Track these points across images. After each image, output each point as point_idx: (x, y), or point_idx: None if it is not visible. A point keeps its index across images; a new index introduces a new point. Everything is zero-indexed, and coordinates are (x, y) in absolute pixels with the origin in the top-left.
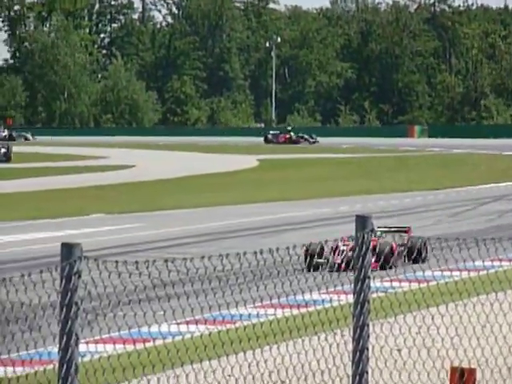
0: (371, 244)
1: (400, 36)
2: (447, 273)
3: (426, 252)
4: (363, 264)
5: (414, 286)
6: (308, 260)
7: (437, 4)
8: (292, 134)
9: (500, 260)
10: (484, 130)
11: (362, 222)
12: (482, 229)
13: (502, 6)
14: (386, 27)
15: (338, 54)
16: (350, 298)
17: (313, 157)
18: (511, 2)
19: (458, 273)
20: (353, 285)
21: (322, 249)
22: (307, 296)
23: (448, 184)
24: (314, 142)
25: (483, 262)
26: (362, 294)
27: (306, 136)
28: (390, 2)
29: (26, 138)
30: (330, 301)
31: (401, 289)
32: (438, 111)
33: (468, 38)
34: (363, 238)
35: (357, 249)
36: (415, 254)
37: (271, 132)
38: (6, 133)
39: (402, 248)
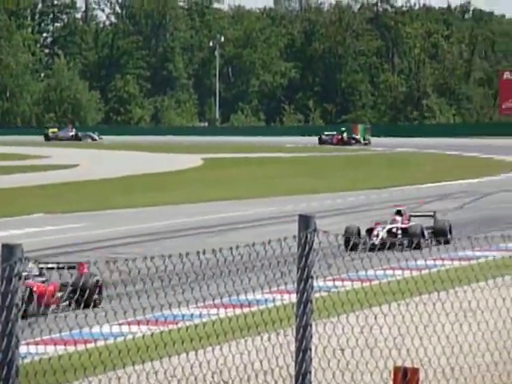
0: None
1: (343, 36)
2: (389, 272)
3: (99, 294)
4: (306, 263)
5: (357, 285)
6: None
7: (379, 4)
8: (344, 135)
9: (442, 259)
10: (426, 129)
11: (305, 221)
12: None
13: (445, 5)
14: (329, 27)
15: (282, 53)
16: (294, 298)
17: (257, 156)
18: (454, 2)
19: (400, 272)
20: (296, 284)
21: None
22: (250, 296)
23: (392, 183)
24: (366, 144)
25: (425, 261)
26: (305, 294)
27: (357, 137)
28: (333, 2)
29: None
30: (273, 300)
31: (343, 288)
32: (380, 110)
33: (410, 38)
34: (306, 237)
35: (299, 248)
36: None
37: (326, 133)
38: None
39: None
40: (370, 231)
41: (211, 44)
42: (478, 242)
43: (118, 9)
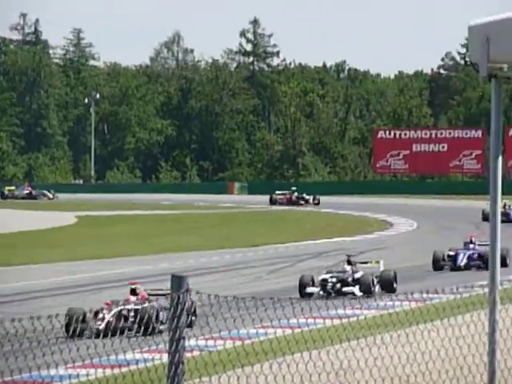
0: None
1: (220, 94)
2: (262, 331)
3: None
4: (178, 325)
5: (229, 344)
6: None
7: (256, 63)
8: (294, 194)
9: (314, 318)
10: (302, 187)
11: (178, 282)
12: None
13: (321, 64)
14: (206, 85)
15: (158, 110)
16: (165, 358)
17: (133, 213)
18: (329, 61)
19: (272, 331)
20: (168, 345)
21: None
22: (121, 356)
23: (268, 240)
24: (316, 204)
25: (298, 320)
26: (177, 355)
27: (307, 197)
28: (210, 61)
29: None
30: (145, 361)
31: (215, 348)
32: (257, 168)
33: (286, 97)
34: (178, 298)
35: (171, 309)
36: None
37: (277, 192)
38: None
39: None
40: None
41: (87, 101)
42: (350, 301)
43: None
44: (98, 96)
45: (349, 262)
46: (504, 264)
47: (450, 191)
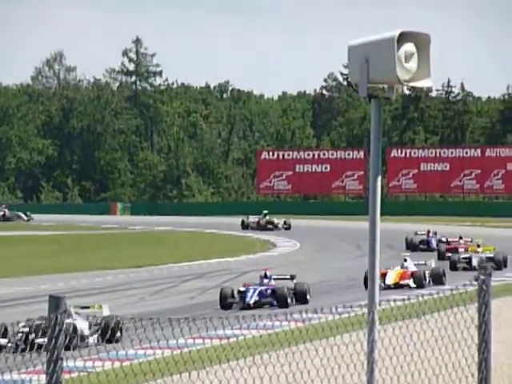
0: None
1: (102, 114)
2: (141, 352)
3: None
4: (55, 345)
5: (108, 365)
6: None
7: (138, 82)
8: (266, 218)
9: (193, 339)
10: (186, 207)
11: (56, 302)
12: (184, 306)
13: (204, 84)
14: (88, 105)
15: (39, 130)
16: (43, 379)
17: (12, 234)
18: (212, 81)
19: (151, 351)
20: (45, 366)
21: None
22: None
23: (151, 262)
24: (286, 228)
25: (177, 341)
26: (55, 376)
27: (276, 221)
28: (92, 80)
29: None
30: (22, 383)
31: (94, 369)
32: (140, 189)
33: (169, 117)
34: (56, 318)
35: (49, 330)
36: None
37: (250, 217)
38: None
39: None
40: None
41: None
42: (229, 321)
43: None
44: None
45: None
46: (305, 301)
47: (333, 212)
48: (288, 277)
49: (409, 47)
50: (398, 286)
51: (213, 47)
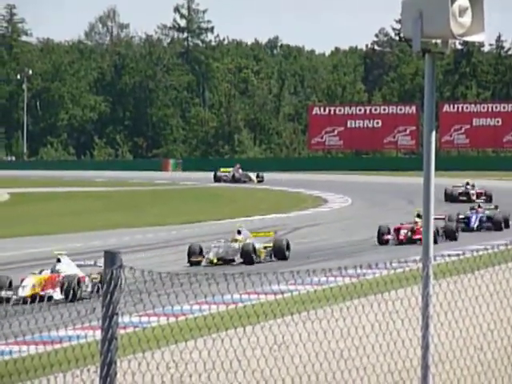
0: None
1: (154, 70)
2: (196, 307)
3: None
4: (111, 300)
5: (164, 321)
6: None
7: (190, 39)
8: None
9: (248, 294)
10: (234, 164)
11: (111, 258)
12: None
13: (254, 40)
14: (140, 61)
15: (92, 87)
16: (98, 335)
17: (66, 190)
18: (264, 38)
19: (206, 307)
20: (101, 321)
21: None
22: (53, 333)
23: (202, 218)
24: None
25: (232, 296)
26: (110, 331)
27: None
28: (144, 36)
29: None
30: (78, 338)
31: (149, 324)
32: (192, 145)
33: (220, 72)
34: (112, 274)
35: (105, 285)
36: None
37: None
38: None
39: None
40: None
41: (19, 77)
42: (284, 276)
43: None
44: (30, 72)
45: (418, 216)
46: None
47: (385, 167)
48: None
49: (463, 1)
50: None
51: (264, 2)
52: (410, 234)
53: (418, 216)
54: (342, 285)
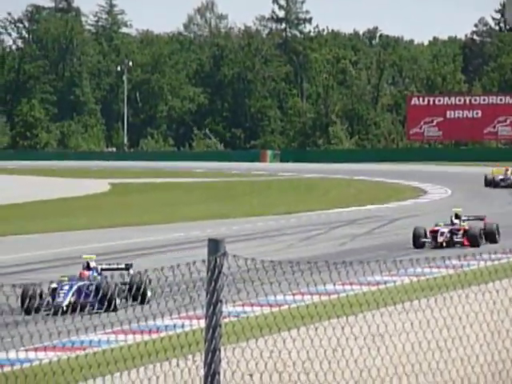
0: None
1: (252, 61)
2: (299, 297)
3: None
4: (215, 288)
5: (266, 310)
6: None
7: (288, 30)
8: None
9: (351, 284)
10: (334, 154)
11: (215, 245)
12: (334, 253)
13: (352, 31)
14: (238, 52)
15: (191, 78)
16: (202, 323)
17: (166, 181)
18: (361, 28)
19: (309, 296)
20: (205, 309)
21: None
22: (159, 321)
23: (300, 208)
24: None
25: (334, 285)
26: (214, 318)
27: None
28: (242, 27)
29: None
30: (182, 326)
31: (253, 313)
32: (289, 136)
33: (318, 63)
34: (215, 261)
35: (209, 272)
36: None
37: None
38: None
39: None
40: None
41: (119, 69)
42: (387, 266)
43: (24, 33)
44: (130, 64)
45: (456, 216)
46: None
47: (485, 158)
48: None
49: None
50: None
51: None
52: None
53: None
54: (445, 275)
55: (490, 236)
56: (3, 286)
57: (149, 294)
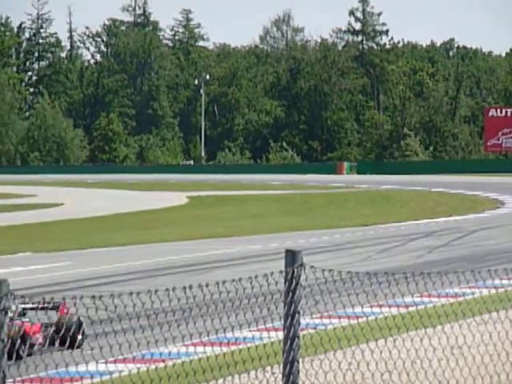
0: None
1: (328, 73)
2: (376, 309)
3: (83, 335)
4: (293, 299)
5: (344, 322)
6: None
7: (364, 42)
8: None
9: (429, 296)
10: (411, 166)
11: (292, 256)
12: (411, 264)
13: (429, 43)
14: (315, 65)
15: (267, 91)
16: (281, 335)
17: (243, 194)
18: (438, 39)
19: (387, 309)
20: (282, 320)
21: None
22: (237, 333)
23: (377, 220)
24: None
25: (412, 297)
26: (292, 329)
27: None
28: (318, 40)
29: None
30: (261, 338)
31: (331, 325)
32: (366, 148)
33: (394, 75)
34: (293, 272)
35: (286, 283)
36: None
37: None
38: None
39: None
40: None
41: (196, 82)
42: (465, 277)
43: (103, 47)
44: (207, 77)
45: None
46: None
47: None
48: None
49: None
50: None
51: (438, 4)
52: None
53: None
54: None
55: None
56: (83, 298)
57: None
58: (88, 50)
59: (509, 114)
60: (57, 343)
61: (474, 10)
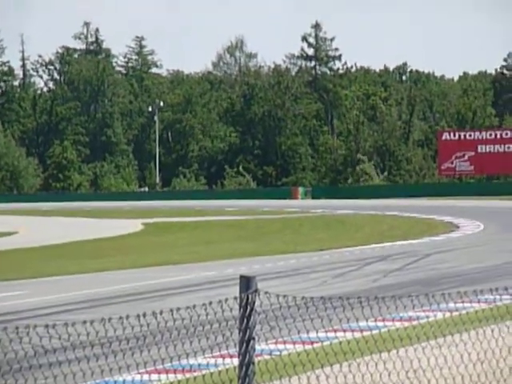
0: None
1: (282, 99)
2: (331, 334)
3: None
4: (247, 325)
5: (299, 347)
6: None
7: (318, 67)
8: None
9: (383, 320)
10: (366, 190)
11: (246, 282)
12: (367, 289)
13: (382, 67)
14: (268, 90)
15: (221, 117)
16: (236, 361)
17: (197, 220)
18: (391, 64)
19: (342, 333)
20: (237, 346)
21: None
22: (192, 360)
23: (332, 245)
24: None
25: (367, 321)
26: (247, 356)
27: None
28: (272, 65)
29: None
30: (216, 365)
31: (286, 351)
32: (321, 172)
33: (348, 100)
34: (247, 298)
35: (241, 309)
36: None
37: None
38: None
39: None
40: None
41: (150, 109)
42: (419, 301)
43: (56, 75)
44: (161, 104)
45: None
46: None
47: None
48: None
49: None
50: None
51: (390, 29)
52: None
53: None
54: (478, 309)
55: None
56: (36, 327)
57: None
58: (41, 78)
59: (462, 137)
60: None
61: (426, 35)
